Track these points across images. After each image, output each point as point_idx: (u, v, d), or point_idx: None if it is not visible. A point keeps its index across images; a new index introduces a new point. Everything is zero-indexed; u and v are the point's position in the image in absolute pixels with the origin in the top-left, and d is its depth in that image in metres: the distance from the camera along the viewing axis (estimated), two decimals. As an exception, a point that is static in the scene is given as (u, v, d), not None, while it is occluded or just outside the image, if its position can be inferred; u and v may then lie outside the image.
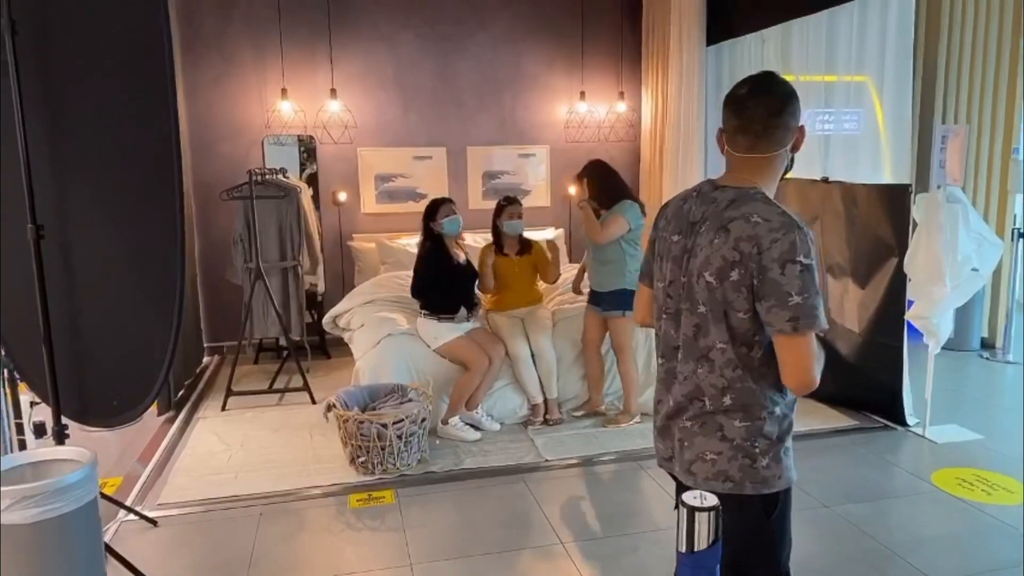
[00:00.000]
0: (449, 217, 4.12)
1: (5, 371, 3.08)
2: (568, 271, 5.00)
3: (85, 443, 2.33)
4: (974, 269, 3.79)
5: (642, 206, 4.14)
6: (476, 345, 4.10)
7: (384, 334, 4.24)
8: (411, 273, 4.29)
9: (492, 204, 5.94)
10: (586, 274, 4.39)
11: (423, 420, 3.71)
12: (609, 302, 4.13)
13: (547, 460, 3.79)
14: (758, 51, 5.22)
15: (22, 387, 3.07)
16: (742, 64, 5.42)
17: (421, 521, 3.18)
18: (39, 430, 3.23)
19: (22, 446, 3.13)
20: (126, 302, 2.57)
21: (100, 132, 2.49)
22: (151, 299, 2.52)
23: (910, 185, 3.95)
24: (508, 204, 4.35)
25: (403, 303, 4.59)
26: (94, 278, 2.58)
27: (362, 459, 3.59)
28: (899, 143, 4.18)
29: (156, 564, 2.80)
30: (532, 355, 4.23)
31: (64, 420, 2.66)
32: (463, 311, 4.16)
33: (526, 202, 6.18)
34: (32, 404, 3.20)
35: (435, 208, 4.17)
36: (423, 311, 4.20)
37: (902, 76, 4.11)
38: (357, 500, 3.39)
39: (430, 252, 4.15)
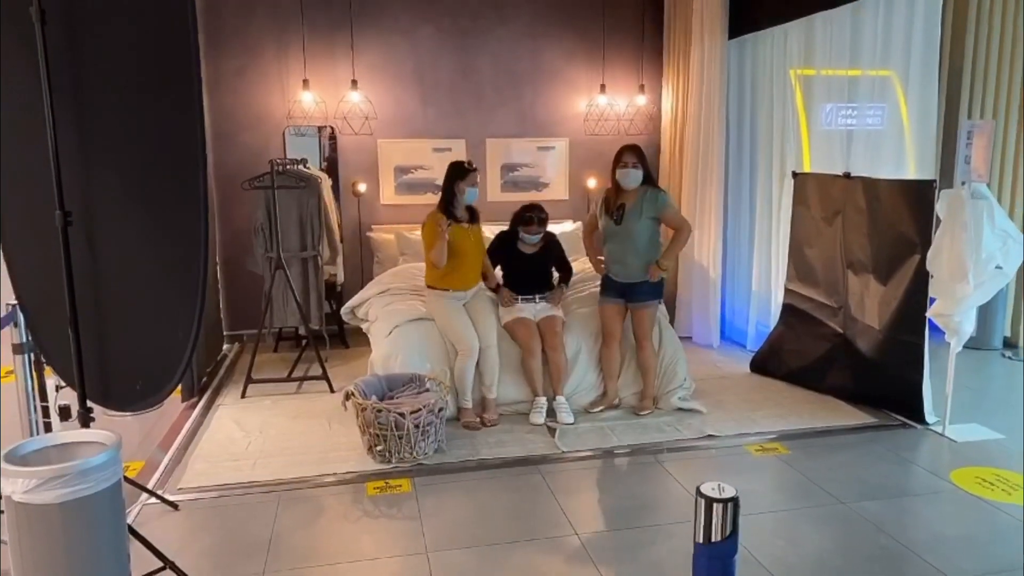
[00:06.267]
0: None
1: (31, 355, 3.15)
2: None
3: (109, 427, 2.36)
4: (998, 267, 3.74)
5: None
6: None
7: (393, 325, 4.26)
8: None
9: (511, 197, 5.99)
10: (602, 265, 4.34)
11: (440, 410, 3.73)
12: (646, 292, 4.17)
13: (563, 452, 3.80)
14: (781, 44, 5.17)
15: (48, 371, 3.13)
16: (764, 58, 5.38)
17: (437, 510, 3.21)
18: (64, 413, 3.28)
19: (48, 429, 3.19)
20: (150, 287, 2.60)
21: (126, 120, 2.52)
22: (175, 284, 2.55)
23: (934, 181, 3.90)
24: (472, 170, 4.14)
25: (417, 292, 4.61)
26: (119, 264, 2.62)
27: (379, 448, 3.62)
28: (924, 138, 4.13)
29: (177, 546, 2.85)
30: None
31: (89, 404, 2.70)
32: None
33: (545, 195, 6.21)
34: (57, 388, 3.25)
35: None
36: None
37: (928, 70, 4.06)
38: (374, 488, 3.42)
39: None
